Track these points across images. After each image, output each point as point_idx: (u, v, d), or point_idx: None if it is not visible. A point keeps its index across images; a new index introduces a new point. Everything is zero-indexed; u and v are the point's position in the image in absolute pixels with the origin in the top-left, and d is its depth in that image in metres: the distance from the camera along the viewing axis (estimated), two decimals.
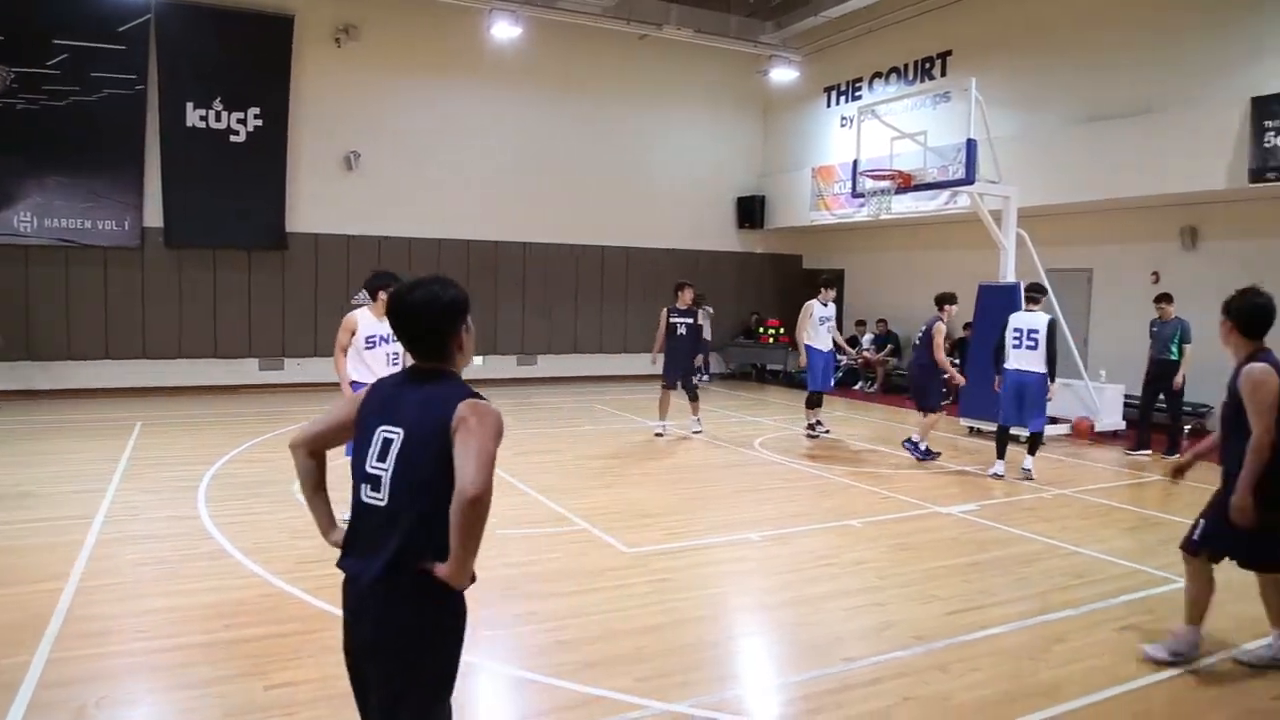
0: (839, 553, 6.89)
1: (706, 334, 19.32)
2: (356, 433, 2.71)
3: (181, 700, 4.26)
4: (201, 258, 15.67)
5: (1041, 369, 9.69)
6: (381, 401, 2.70)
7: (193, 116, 15.20)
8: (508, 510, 7.96)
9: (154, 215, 15.19)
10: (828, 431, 12.35)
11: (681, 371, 12.09)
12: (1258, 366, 4.60)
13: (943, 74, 16.81)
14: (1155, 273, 13.67)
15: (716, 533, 7.37)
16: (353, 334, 7.03)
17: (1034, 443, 10.03)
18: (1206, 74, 12.49)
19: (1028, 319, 9.86)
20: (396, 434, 2.59)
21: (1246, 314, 4.75)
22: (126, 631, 4.98)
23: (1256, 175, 11.28)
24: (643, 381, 19.09)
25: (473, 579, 2.61)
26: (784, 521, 7.78)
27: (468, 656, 4.71)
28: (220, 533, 6.92)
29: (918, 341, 11.06)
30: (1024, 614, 5.56)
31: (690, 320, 12.08)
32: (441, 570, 2.52)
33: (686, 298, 12.06)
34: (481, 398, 2.59)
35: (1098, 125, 13.47)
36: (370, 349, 7.01)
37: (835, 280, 12.76)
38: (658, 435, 11.94)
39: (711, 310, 19.50)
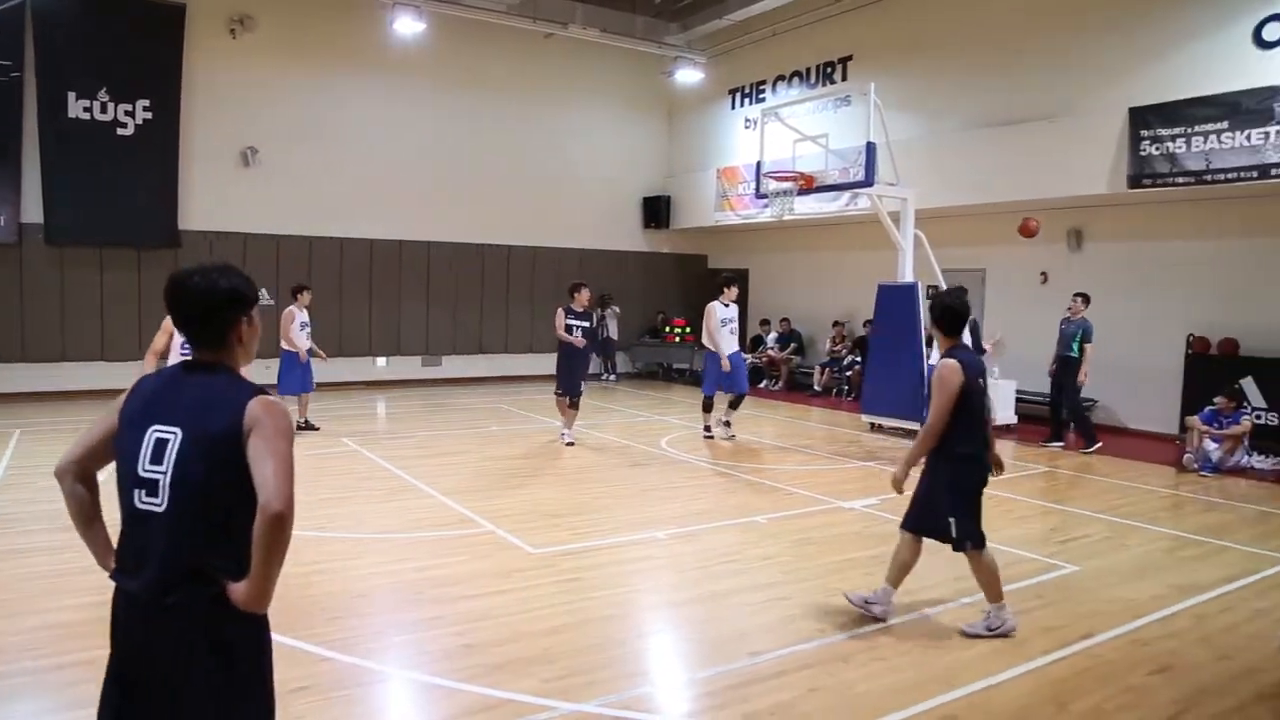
0: (744, 549, 6.98)
1: (613, 333, 19.43)
2: (122, 434, 2.45)
3: None
4: (87, 256, 15.00)
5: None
6: (150, 399, 2.47)
7: (75, 107, 14.52)
8: (412, 513, 7.85)
9: (34, 210, 14.48)
10: (732, 436, 12.11)
11: (569, 376, 11.46)
12: (947, 362, 5.09)
13: (843, 78, 17.19)
14: (1044, 273, 14.25)
15: (623, 532, 7.39)
16: (170, 337, 6.58)
17: None
18: (1090, 84, 13.06)
19: None
20: (172, 434, 2.37)
21: (939, 313, 5.36)
22: (8, 651, 4.73)
23: (1134, 181, 11.87)
24: (549, 382, 19.02)
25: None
26: (690, 519, 7.85)
27: (372, 663, 4.67)
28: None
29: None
30: (923, 604, 5.72)
31: (586, 324, 11.53)
32: (238, 591, 2.31)
33: (583, 299, 11.44)
34: (267, 393, 2.44)
35: (990, 131, 13.97)
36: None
37: (736, 279, 12.45)
38: (568, 444, 11.43)
39: (618, 310, 19.59)
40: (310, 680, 4.40)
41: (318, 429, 11.94)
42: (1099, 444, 11.71)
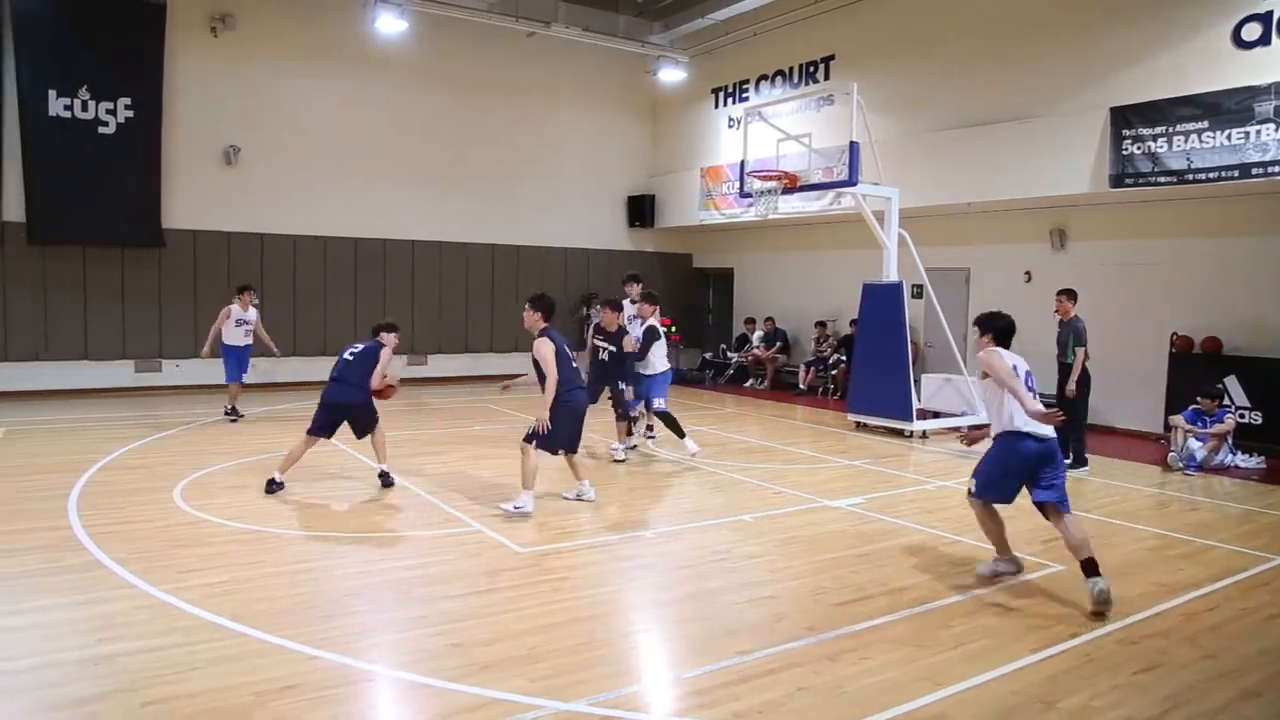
0: (732, 548, 6.98)
1: None
2: None
3: None
4: (69, 254, 14.87)
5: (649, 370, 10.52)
6: None
7: (56, 105, 14.39)
8: (398, 512, 7.81)
9: (15, 209, 14.34)
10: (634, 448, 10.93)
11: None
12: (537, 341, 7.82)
13: (826, 78, 17.22)
14: (1028, 271, 14.31)
15: (610, 530, 7.38)
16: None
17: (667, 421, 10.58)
18: (1072, 84, 13.12)
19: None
20: None
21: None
22: None
23: (1116, 181, 11.93)
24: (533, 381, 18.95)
25: None
26: (677, 518, 7.84)
27: (359, 662, 4.63)
28: (93, 543, 6.57)
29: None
30: (910, 603, 5.73)
31: (614, 348, 10.27)
32: None
33: (611, 319, 10.33)
34: None
35: (973, 131, 14.01)
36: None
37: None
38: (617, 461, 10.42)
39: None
40: (297, 679, 4.37)
41: (241, 416, 12.76)
42: (1086, 467, 10.36)
